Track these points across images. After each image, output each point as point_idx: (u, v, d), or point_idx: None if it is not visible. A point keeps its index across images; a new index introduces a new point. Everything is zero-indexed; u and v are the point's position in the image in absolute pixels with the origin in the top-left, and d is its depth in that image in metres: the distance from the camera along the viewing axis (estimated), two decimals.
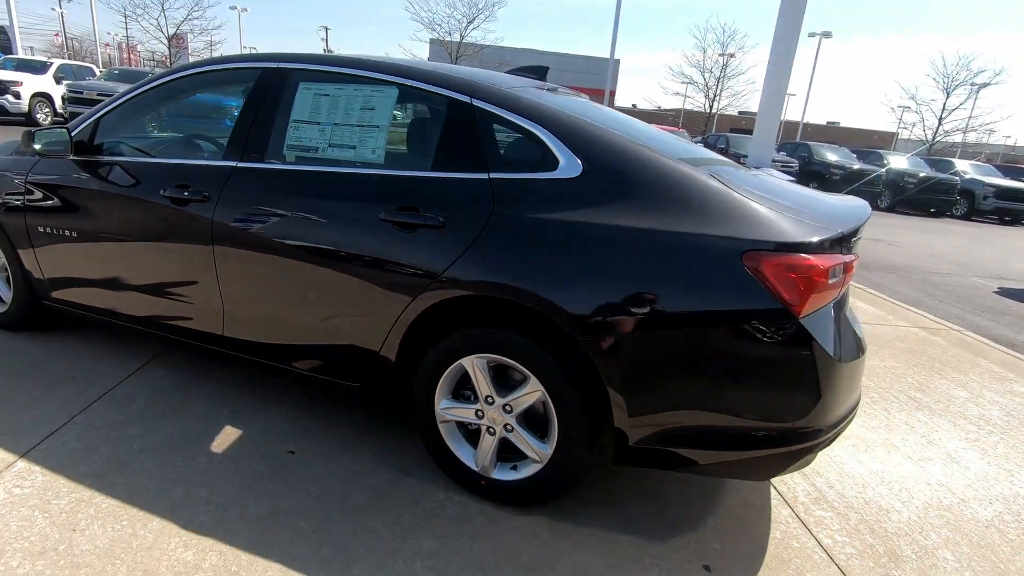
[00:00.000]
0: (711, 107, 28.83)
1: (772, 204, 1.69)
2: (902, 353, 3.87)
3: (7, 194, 2.59)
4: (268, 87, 2.16)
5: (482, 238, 1.75)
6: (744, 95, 30.04)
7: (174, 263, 2.25)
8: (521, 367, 1.78)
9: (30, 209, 2.54)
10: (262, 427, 2.28)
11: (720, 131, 27.55)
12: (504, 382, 1.87)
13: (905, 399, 3.14)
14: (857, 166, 16.44)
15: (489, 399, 1.87)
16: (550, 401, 1.76)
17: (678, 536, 1.90)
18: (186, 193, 2.16)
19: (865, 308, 4.91)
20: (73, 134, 2.40)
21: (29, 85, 13.72)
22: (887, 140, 46.62)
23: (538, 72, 2.62)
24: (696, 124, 31.24)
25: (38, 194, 2.51)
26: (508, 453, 1.93)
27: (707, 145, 18.50)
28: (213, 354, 2.38)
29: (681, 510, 2.03)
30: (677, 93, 33.37)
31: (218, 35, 31.77)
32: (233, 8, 42.78)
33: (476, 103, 1.89)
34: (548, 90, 2.23)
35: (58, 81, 14.57)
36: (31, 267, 2.65)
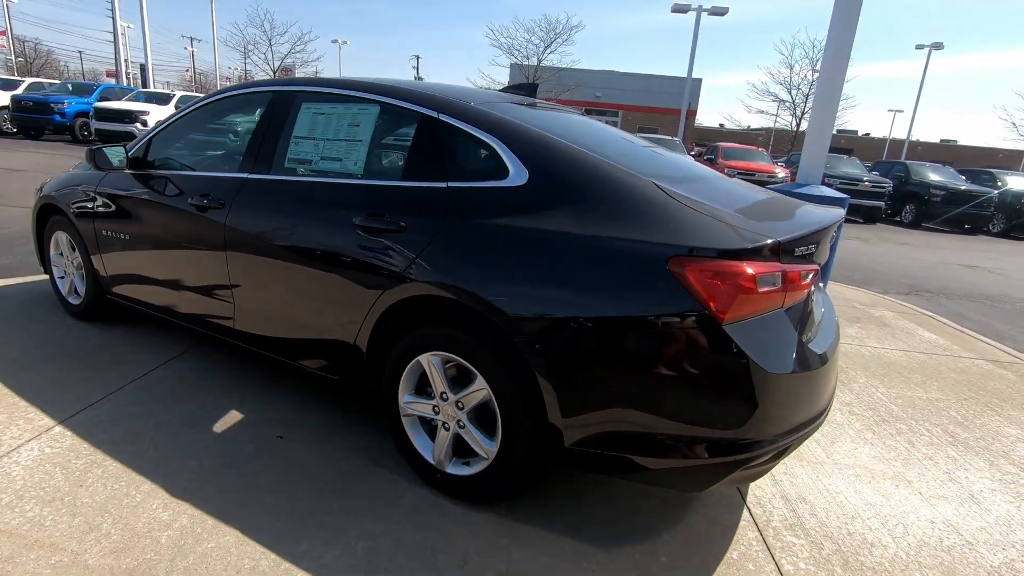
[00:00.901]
0: (798, 125, 27.36)
1: (712, 212, 1.68)
2: (955, 385, 3.53)
3: (81, 203, 3.05)
4: (277, 108, 2.42)
5: (435, 242, 1.87)
6: (837, 112, 28.26)
7: (198, 262, 2.56)
8: (469, 365, 1.86)
9: (96, 215, 2.98)
10: (262, 414, 2.51)
11: None
12: (460, 380, 1.97)
13: (939, 433, 2.87)
14: (963, 187, 14.96)
15: (444, 395, 1.97)
16: (494, 399, 1.83)
17: (625, 546, 1.88)
18: (206, 201, 2.46)
19: (927, 336, 4.50)
20: (130, 151, 2.81)
21: (155, 114, 15.69)
22: (1014, 159, 41.90)
23: (528, 89, 2.73)
24: (782, 143, 29.80)
25: (101, 203, 2.94)
26: (464, 449, 2.01)
27: (788, 163, 17.64)
28: (234, 348, 2.65)
29: (639, 521, 2.01)
30: (761, 111, 32.01)
31: (319, 65, 34.55)
32: (334, 42, 46.63)
33: (442, 118, 2.03)
34: (527, 105, 2.33)
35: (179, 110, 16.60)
36: (97, 266, 3.09)
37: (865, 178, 14.77)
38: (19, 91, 17.00)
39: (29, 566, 1.61)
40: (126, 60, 30.21)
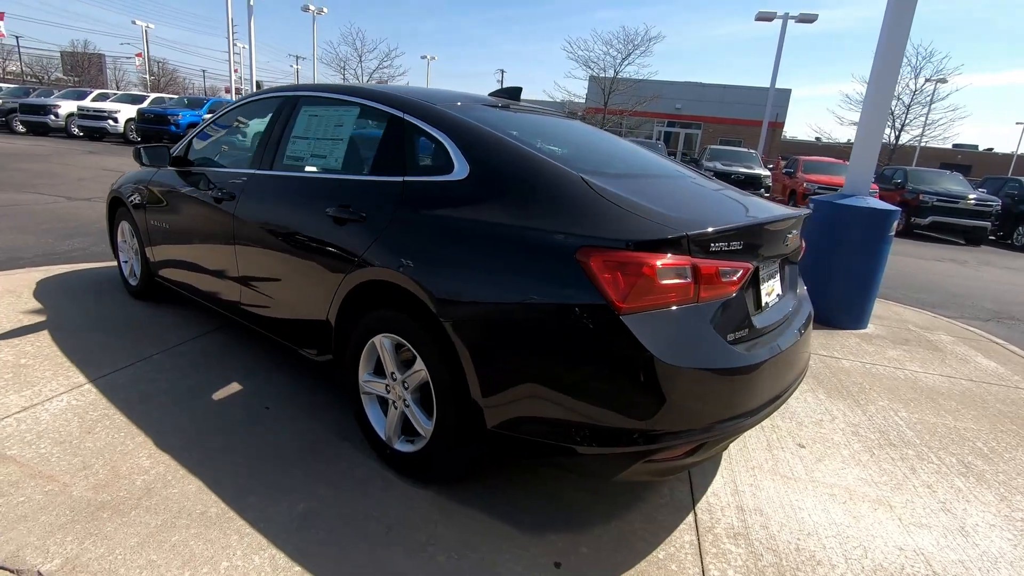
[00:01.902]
0: (897, 138, 25.24)
1: (631, 206, 1.70)
2: (996, 416, 3.20)
3: (137, 196, 3.50)
4: (283, 110, 2.69)
5: (387, 231, 2.02)
6: (943, 123, 25.75)
7: (215, 248, 2.87)
8: (410, 346, 1.99)
9: (145, 207, 3.40)
10: (259, 386, 2.76)
11: (926, 165, 24.02)
12: (410, 361, 2.09)
13: (952, 463, 2.63)
14: None
15: (393, 375, 2.10)
16: (430, 379, 1.94)
17: (553, 535, 1.91)
18: (222, 193, 2.76)
19: (985, 364, 4.09)
20: (173, 151, 3.20)
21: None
22: None
23: (511, 93, 2.82)
24: (883, 156, 27.58)
25: (149, 195, 3.35)
26: (411, 427, 2.13)
27: (880, 178, 16.29)
28: (252, 330, 2.92)
29: (575, 514, 2.03)
30: (854, 123, 29.75)
31: (406, 79, 36.33)
32: (423, 57, 48.85)
33: (406, 117, 2.18)
34: (499, 107, 2.44)
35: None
36: (147, 251, 3.52)
37: (970, 195, 13.43)
38: (144, 105, 19.28)
39: (27, 491, 1.90)
40: (240, 77, 33.60)
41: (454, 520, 1.94)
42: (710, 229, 1.65)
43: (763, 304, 1.98)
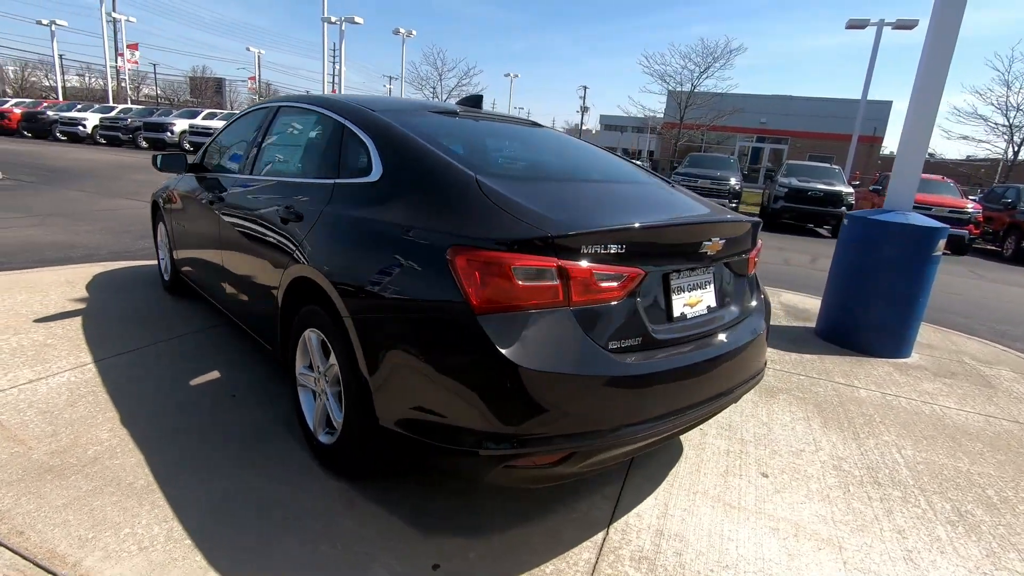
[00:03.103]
0: (1016, 152, 22.47)
1: (512, 207, 1.67)
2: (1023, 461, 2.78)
3: (165, 200, 3.87)
4: (265, 120, 2.90)
5: (313, 230, 2.12)
6: None
7: (209, 246, 3.12)
8: (327, 341, 2.06)
9: (170, 209, 3.76)
10: (236, 377, 2.96)
11: None
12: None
13: (944, 509, 2.32)
14: None
15: (319, 368, 2.19)
16: (339, 372, 2.00)
17: (446, 537, 1.90)
18: (212, 196, 3.01)
19: None
20: (190, 159, 3.52)
21: None
22: None
23: (473, 101, 2.85)
24: (986, 175, 24.70)
25: (172, 199, 3.71)
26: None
27: (988, 196, 14.57)
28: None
29: (480, 520, 2.00)
30: (965, 137, 26.92)
31: (485, 96, 37.32)
32: (507, 75, 50.03)
33: (346, 124, 2.28)
34: (446, 113, 2.49)
35: None
36: (173, 249, 3.88)
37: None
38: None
39: None
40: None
41: (355, 513, 1.98)
42: (580, 230, 1.59)
43: (678, 314, 1.87)
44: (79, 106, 25.44)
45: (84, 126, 22.44)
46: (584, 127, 73.14)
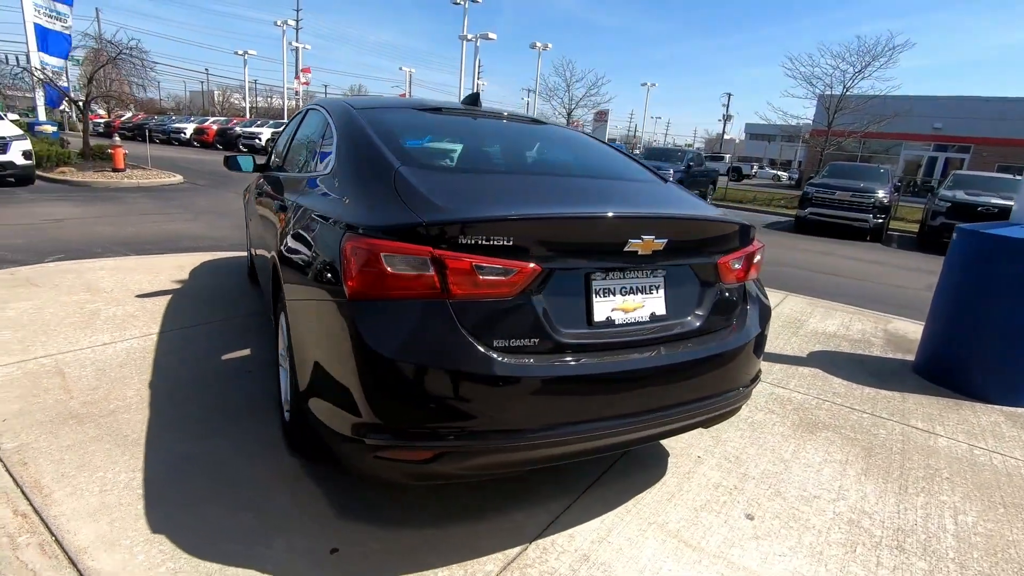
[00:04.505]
0: None
1: (413, 196, 1.63)
2: None
3: (245, 197, 4.37)
4: (297, 121, 3.15)
5: (289, 220, 2.27)
6: None
7: (252, 236, 3.47)
8: (284, 322, 2.19)
9: (247, 204, 4.24)
10: (260, 355, 3.24)
11: None
12: None
13: (947, 566, 1.83)
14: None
15: (284, 349, 2.33)
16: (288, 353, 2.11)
17: (361, 525, 1.90)
18: (260, 192, 3.34)
19: None
20: (257, 160, 3.94)
21: None
22: None
23: (472, 99, 2.82)
24: None
25: (245, 194, 4.17)
26: None
27: None
28: None
29: (405, 514, 1.98)
30: None
31: (612, 106, 36.87)
32: (643, 84, 48.97)
33: (329, 121, 2.40)
34: (430, 109, 2.51)
35: None
36: (249, 239, 4.37)
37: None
38: None
39: (50, 396, 2.58)
40: None
41: (292, 490, 2.07)
42: (455, 218, 1.51)
43: (602, 319, 1.70)
44: (258, 122, 29.68)
45: (259, 139, 26.09)
46: (726, 136, 69.06)
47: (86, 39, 16.86)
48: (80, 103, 14.97)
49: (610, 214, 1.67)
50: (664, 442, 2.60)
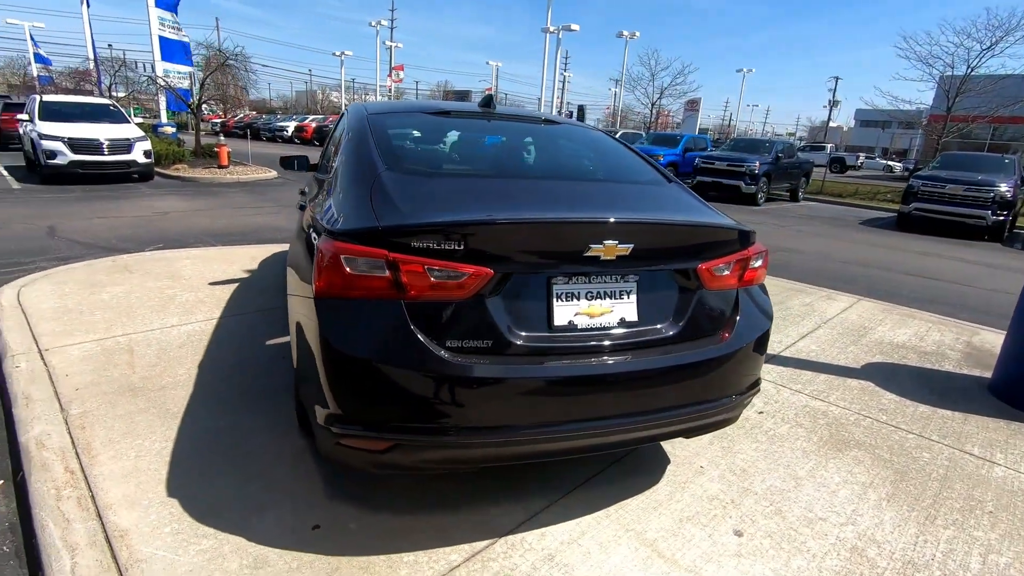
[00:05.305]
0: None
1: (384, 201, 1.72)
2: None
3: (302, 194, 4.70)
4: (338, 125, 3.35)
5: (299, 217, 2.45)
6: None
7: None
8: None
9: (301, 206, 4.56)
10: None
11: None
12: None
13: None
14: None
15: None
16: None
17: (345, 507, 2.04)
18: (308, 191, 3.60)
19: None
20: (311, 159, 4.23)
21: None
22: None
23: (486, 101, 2.84)
24: None
25: (302, 191, 4.49)
26: None
27: None
28: None
29: (391, 502, 2.09)
30: None
31: (700, 95, 35.29)
32: (738, 71, 46.36)
33: (346, 127, 2.55)
34: (439, 112, 2.59)
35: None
36: None
37: None
38: None
39: (116, 370, 2.97)
40: (564, 102, 38.07)
41: (295, 469, 2.25)
42: (408, 223, 1.57)
43: (563, 323, 1.70)
44: None
45: None
46: (833, 124, 63.77)
47: (199, 48, 18.59)
48: (192, 105, 16.61)
49: (568, 219, 1.67)
50: (667, 450, 2.54)
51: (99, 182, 10.89)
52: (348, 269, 1.60)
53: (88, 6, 21.09)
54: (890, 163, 38.81)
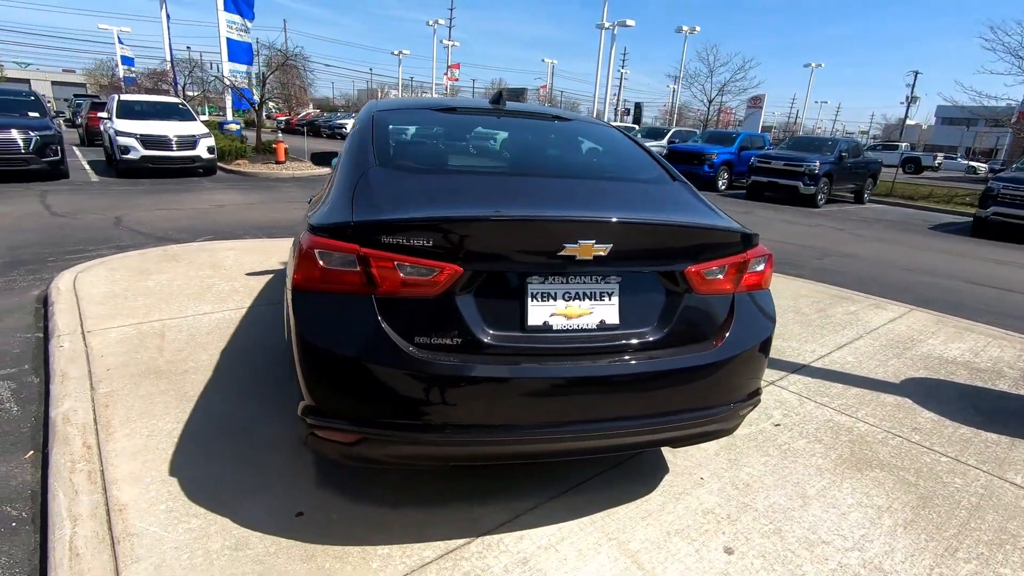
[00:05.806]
0: None
1: (367, 197, 1.74)
2: None
3: None
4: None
5: None
6: None
7: None
8: None
9: None
10: None
11: None
12: None
13: None
14: None
15: None
16: None
17: (332, 496, 2.09)
18: None
19: None
20: (334, 159, 4.33)
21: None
22: None
23: (496, 97, 2.79)
24: None
25: None
26: None
27: None
28: None
29: (376, 493, 2.12)
30: None
31: (762, 91, 33.84)
32: (806, 65, 44.16)
33: (358, 120, 2.59)
34: (445, 109, 2.58)
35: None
36: None
37: None
38: (663, 142, 20.35)
39: (145, 354, 3.15)
40: (623, 100, 37.52)
41: (292, 456, 2.31)
42: (377, 218, 1.57)
43: (538, 323, 1.66)
44: None
45: None
46: (911, 122, 59.81)
47: (261, 48, 19.43)
48: (255, 104, 17.41)
49: (539, 217, 1.63)
50: (668, 459, 2.45)
51: (166, 176, 11.60)
52: (322, 263, 1.62)
53: (168, 17, 22.45)
54: (973, 163, 35.99)
